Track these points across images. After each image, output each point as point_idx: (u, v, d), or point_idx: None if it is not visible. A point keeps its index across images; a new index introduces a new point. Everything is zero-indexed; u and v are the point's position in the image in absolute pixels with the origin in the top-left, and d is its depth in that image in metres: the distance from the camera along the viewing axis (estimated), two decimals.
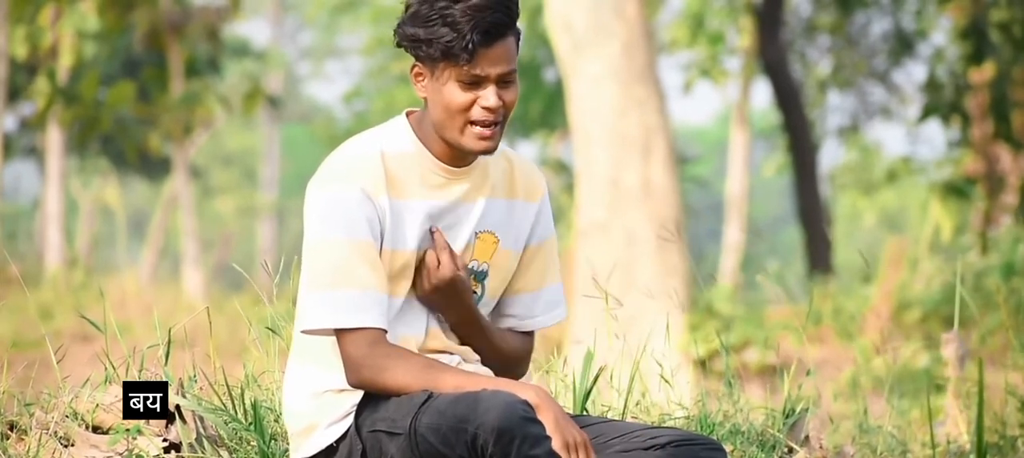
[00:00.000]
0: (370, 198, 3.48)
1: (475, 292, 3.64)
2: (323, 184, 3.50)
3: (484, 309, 3.66)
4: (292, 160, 48.57)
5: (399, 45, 3.53)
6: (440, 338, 3.61)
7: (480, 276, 3.65)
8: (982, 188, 18.33)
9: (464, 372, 3.46)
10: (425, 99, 3.54)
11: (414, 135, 3.57)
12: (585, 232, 12.92)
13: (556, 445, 3.34)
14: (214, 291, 25.39)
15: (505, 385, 3.39)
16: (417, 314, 3.57)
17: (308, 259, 3.50)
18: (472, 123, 3.49)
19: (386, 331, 3.47)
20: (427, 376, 3.43)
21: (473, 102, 3.48)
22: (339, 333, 3.47)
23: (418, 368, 3.45)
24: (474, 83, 3.47)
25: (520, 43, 3.53)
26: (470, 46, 3.42)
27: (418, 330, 3.57)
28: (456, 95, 3.47)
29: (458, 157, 3.57)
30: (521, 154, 3.72)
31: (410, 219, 3.53)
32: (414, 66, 3.52)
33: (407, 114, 3.62)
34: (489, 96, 3.47)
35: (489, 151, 3.51)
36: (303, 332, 3.51)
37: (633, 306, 5.29)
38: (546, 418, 3.36)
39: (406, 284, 3.54)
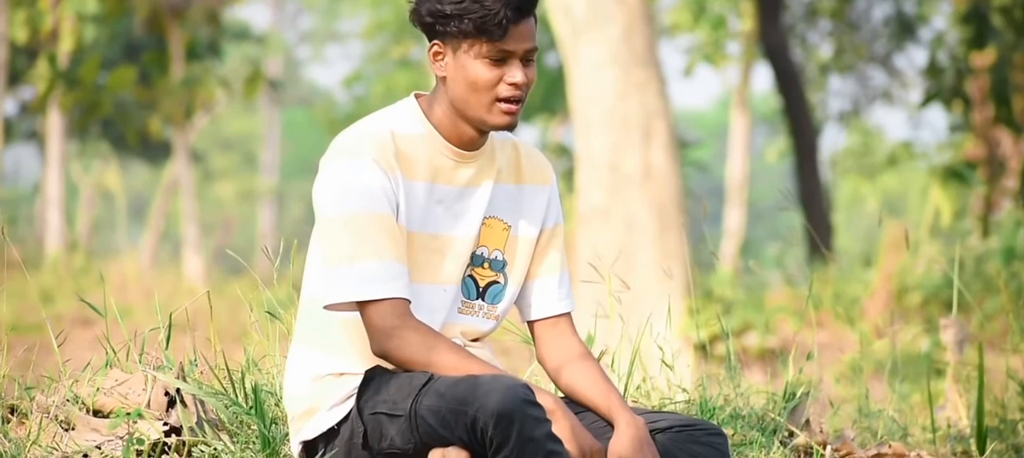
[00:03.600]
0: (384, 171, 3.48)
1: (498, 282, 3.64)
2: (336, 159, 3.49)
3: (507, 300, 3.65)
4: (292, 144, 48.59)
5: (417, 24, 3.51)
6: (454, 332, 3.60)
7: (497, 265, 3.64)
8: (983, 172, 18.33)
9: (493, 367, 3.45)
10: (442, 79, 3.52)
11: (424, 116, 3.57)
12: (585, 217, 12.92)
13: (573, 454, 3.35)
14: (214, 275, 25.39)
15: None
16: (430, 306, 3.55)
17: (326, 234, 3.47)
18: (498, 100, 3.49)
19: (409, 302, 3.46)
20: (458, 361, 3.42)
21: (499, 79, 3.48)
22: (362, 305, 3.45)
23: (449, 351, 3.43)
24: (501, 59, 3.47)
25: (537, 22, 3.53)
26: (504, 22, 3.42)
27: (431, 324, 3.54)
28: (483, 72, 3.46)
29: (468, 140, 3.56)
30: (526, 141, 3.72)
31: (418, 199, 3.53)
32: (432, 45, 3.51)
33: (415, 96, 3.62)
34: (516, 72, 3.47)
35: (512, 127, 3.52)
36: (326, 308, 3.49)
37: (633, 291, 5.29)
38: (562, 426, 3.36)
39: (409, 268, 3.53)
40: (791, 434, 4.73)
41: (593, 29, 12.86)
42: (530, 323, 3.71)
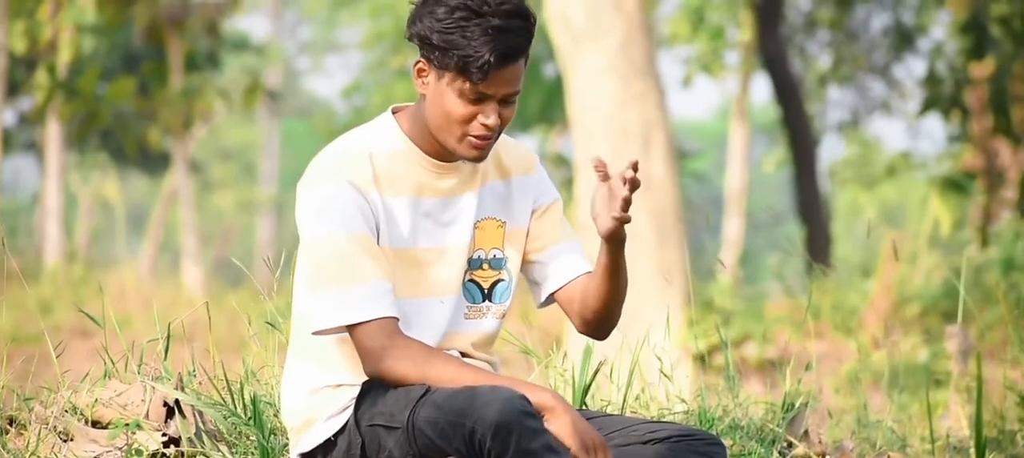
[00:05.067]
0: (361, 192, 3.47)
1: (502, 279, 3.63)
2: (313, 184, 3.49)
3: (511, 294, 3.64)
4: (291, 155, 48.54)
5: (410, 39, 3.50)
6: (458, 343, 3.60)
7: (497, 263, 3.64)
8: (982, 183, 18.33)
9: (489, 374, 3.44)
10: (423, 95, 3.52)
11: (401, 132, 3.56)
12: (584, 226, 12.91)
13: (574, 448, 3.33)
14: (213, 286, 25.38)
15: (526, 388, 3.38)
16: (429, 319, 3.55)
17: (308, 260, 3.48)
18: (469, 135, 3.48)
19: (397, 320, 3.46)
20: (454, 373, 3.42)
21: (473, 116, 3.45)
22: (351, 328, 3.45)
23: (444, 364, 3.43)
24: (478, 99, 3.45)
25: (528, 61, 3.50)
26: (486, 67, 3.39)
27: (431, 338, 3.54)
28: (457, 106, 3.45)
29: (446, 153, 3.56)
30: (503, 135, 3.68)
31: (402, 216, 3.52)
32: (418, 62, 3.50)
33: (393, 111, 3.60)
34: (490, 114, 3.45)
35: (479, 161, 3.51)
36: (314, 334, 3.49)
37: (632, 301, 5.29)
38: (563, 421, 3.35)
39: (402, 283, 3.53)
40: (790, 444, 4.72)
41: (592, 39, 12.87)
42: (559, 292, 3.67)
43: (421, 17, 3.44)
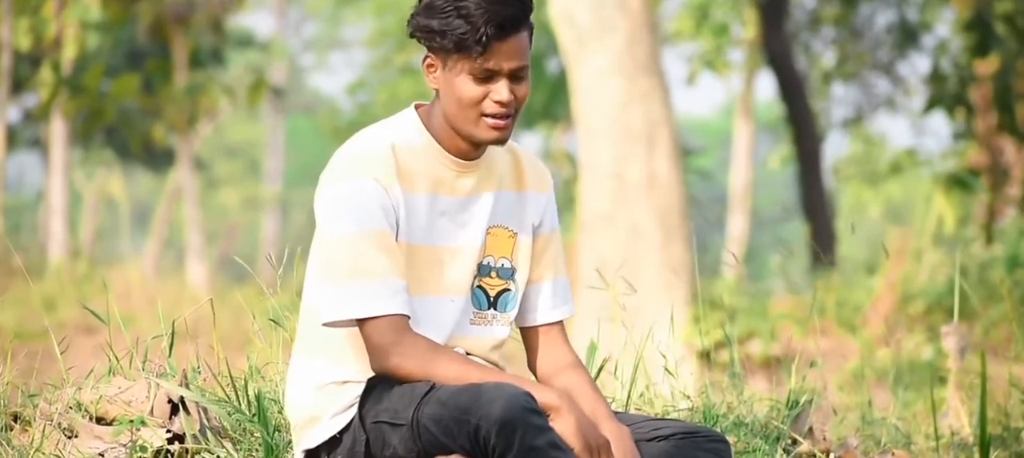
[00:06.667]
0: (384, 188, 3.48)
1: (508, 289, 3.64)
2: (335, 177, 3.50)
3: (517, 304, 3.66)
4: (296, 152, 48.58)
5: (412, 35, 3.52)
6: (463, 346, 3.60)
7: (505, 273, 3.64)
8: (986, 180, 18.31)
9: (494, 371, 3.44)
10: (436, 91, 3.53)
11: (423, 128, 3.57)
12: (589, 225, 12.92)
13: (578, 449, 3.34)
14: (218, 283, 25.39)
15: (531, 387, 3.38)
16: (439, 318, 3.56)
17: (325, 253, 3.49)
18: (484, 115, 3.49)
19: (408, 317, 3.46)
20: (459, 371, 3.42)
21: (485, 95, 3.47)
22: (361, 322, 3.46)
23: (450, 361, 3.44)
24: (487, 77, 3.46)
25: (533, 37, 3.52)
26: (484, 39, 3.41)
27: (438, 337, 3.55)
28: (468, 88, 3.46)
29: (467, 150, 3.57)
30: (525, 147, 3.72)
31: (420, 212, 3.53)
32: (426, 57, 3.51)
33: (416, 107, 3.62)
34: (501, 90, 3.46)
35: (502, 141, 3.52)
36: (325, 325, 3.50)
37: (637, 298, 5.30)
38: (568, 421, 3.36)
39: (415, 280, 3.53)
40: (794, 442, 4.73)
41: (597, 38, 12.87)
42: (522, 329, 3.73)
43: (421, 11, 3.48)
